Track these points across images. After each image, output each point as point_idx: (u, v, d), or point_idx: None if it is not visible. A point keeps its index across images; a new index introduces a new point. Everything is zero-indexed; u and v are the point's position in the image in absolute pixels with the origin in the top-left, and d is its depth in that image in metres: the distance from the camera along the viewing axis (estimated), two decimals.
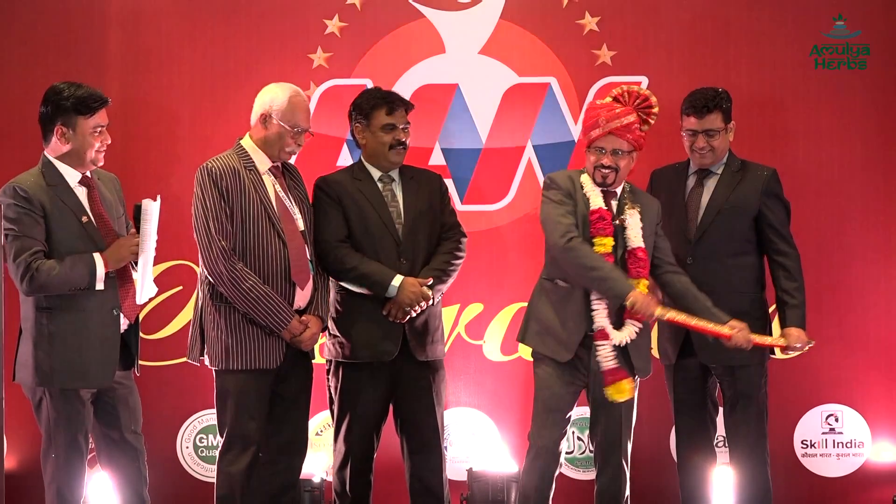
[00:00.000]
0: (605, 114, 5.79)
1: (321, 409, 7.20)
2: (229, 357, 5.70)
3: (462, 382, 7.31)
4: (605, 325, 5.67)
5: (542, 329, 5.84)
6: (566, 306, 5.76)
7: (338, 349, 6.01)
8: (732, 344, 5.76)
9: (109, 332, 5.60)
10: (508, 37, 7.48)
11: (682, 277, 5.93)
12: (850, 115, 7.42)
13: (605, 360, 5.68)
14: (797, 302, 6.15)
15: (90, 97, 5.64)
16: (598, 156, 5.79)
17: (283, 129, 5.80)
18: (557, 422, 5.81)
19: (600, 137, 5.78)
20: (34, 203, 5.47)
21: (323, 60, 7.46)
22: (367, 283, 5.91)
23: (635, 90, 5.87)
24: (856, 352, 7.33)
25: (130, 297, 5.69)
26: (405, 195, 6.11)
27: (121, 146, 7.33)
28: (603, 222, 5.71)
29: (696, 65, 7.35)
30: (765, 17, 7.44)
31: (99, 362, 5.56)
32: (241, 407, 5.73)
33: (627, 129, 5.77)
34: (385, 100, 6.14)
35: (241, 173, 5.74)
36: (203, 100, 7.20)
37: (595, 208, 5.74)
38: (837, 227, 7.38)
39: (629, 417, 5.86)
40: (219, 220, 5.66)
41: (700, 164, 6.25)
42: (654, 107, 5.86)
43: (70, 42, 7.48)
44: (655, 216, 5.93)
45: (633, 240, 5.76)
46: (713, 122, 6.20)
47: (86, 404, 5.59)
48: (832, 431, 7.34)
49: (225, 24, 7.48)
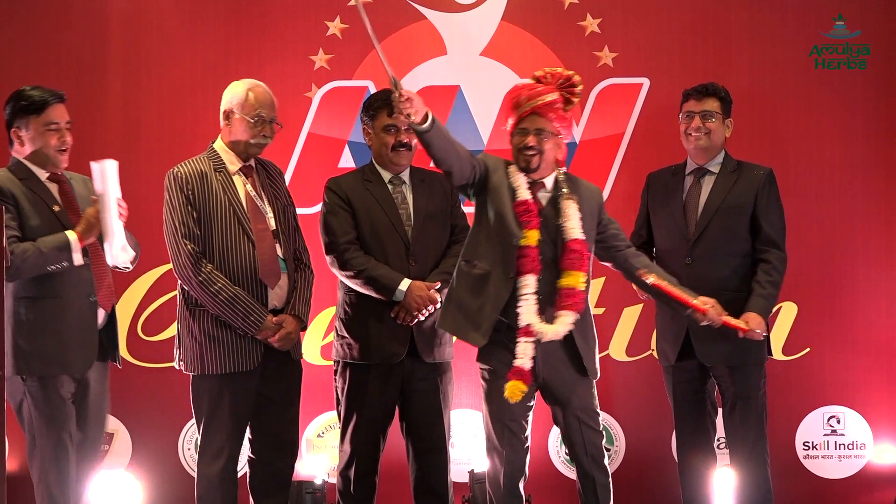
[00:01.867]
0: (527, 92, 5.58)
1: (322, 410, 7.22)
2: (203, 362, 5.70)
3: (464, 384, 7.28)
4: (532, 321, 5.44)
5: (459, 313, 5.61)
6: (483, 291, 5.54)
7: (345, 350, 6.01)
8: (706, 319, 5.71)
9: (87, 319, 5.58)
10: (510, 38, 7.50)
11: (640, 257, 5.79)
12: (850, 115, 7.44)
13: (521, 358, 5.41)
14: (765, 293, 6.08)
15: (39, 95, 5.63)
16: (520, 137, 5.57)
17: (245, 120, 5.77)
18: (516, 433, 5.57)
19: (523, 117, 5.55)
20: (5, 193, 5.47)
21: (324, 62, 7.47)
22: (374, 286, 5.89)
23: (558, 71, 5.66)
24: (857, 353, 7.35)
25: (106, 287, 5.67)
26: (415, 197, 6.11)
27: (123, 146, 7.39)
28: (528, 214, 5.49)
29: (698, 66, 7.35)
30: (764, 17, 7.48)
31: (78, 349, 5.54)
32: (216, 411, 5.71)
33: (550, 108, 5.54)
34: (388, 101, 6.14)
35: (210, 176, 5.74)
36: (205, 101, 7.20)
37: (521, 199, 5.52)
38: (839, 229, 7.40)
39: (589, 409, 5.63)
40: (186, 224, 5.66)
41: (695, 149, 6.23)
42: (578, 85, 5.64)
43: (72, 43, 7.49)
44: (597, 203, 5.73)
45: (569, 231, 5.52)
46: (710, 105, 6.22)
47: (66, 403, 5.56)
48: (834, 433, 7.35)
49: (226, 26, 7.50)
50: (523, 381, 5.40)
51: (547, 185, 5.62)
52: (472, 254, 5.62)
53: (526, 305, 5.44)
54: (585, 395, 5.61)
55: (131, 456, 7.39)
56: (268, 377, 5.76)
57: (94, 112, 7.34)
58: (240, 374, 5.68)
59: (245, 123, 5.77)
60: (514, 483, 5.55)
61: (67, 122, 5.70)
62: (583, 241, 5.53)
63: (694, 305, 5.71)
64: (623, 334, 7.36)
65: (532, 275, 5.45)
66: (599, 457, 5.60)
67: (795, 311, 7.30)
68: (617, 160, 7.45)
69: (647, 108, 7.45)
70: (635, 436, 7.37)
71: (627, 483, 7.15)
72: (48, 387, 5.50)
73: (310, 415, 7.25)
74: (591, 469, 5.57)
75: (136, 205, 7.16)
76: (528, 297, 5.45)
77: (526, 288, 5.45)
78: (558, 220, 5.55)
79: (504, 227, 5.50)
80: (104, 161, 5.53)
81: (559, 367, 5.54)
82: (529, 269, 5.45)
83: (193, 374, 5.77)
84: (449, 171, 5.45)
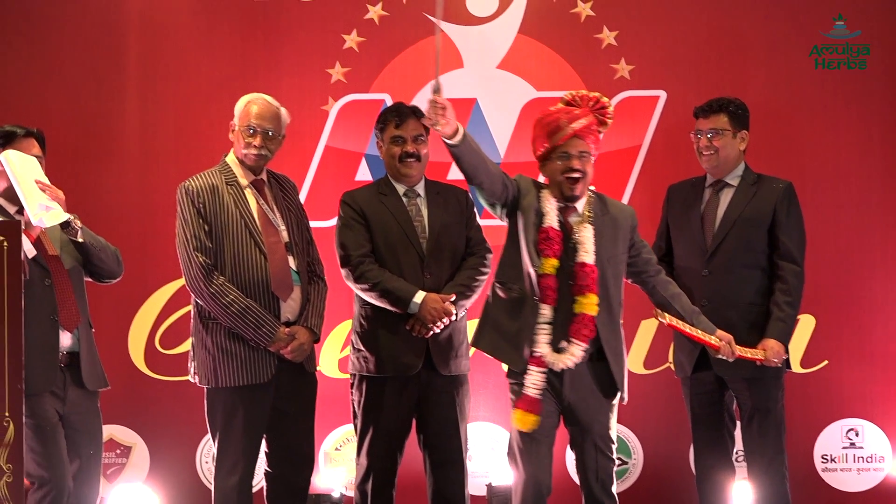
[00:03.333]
0: (566, 116, 5.57)
1: (340, 423, 7.22)
2: (217, 375, 5.71)
3: (482, 397, 7.29)
4: (545, 353, 5.45)
5: (497, 334, 5.62)
6: (519, 314, 5.56)
7: (362, 363, 6.00)
8: (720, 354, 5.77)
9: (48, 337, 5.49)
10: (527, 51, 7.51)
11: (668, 286, 5.81)
12: (868, 125, 7.45)
13: (530, 388, 5.45)
14: (784, 315, 6.09)
15: (8, 129, 5.61)
16: (564, 162, 5.54)
17: (240, 130, 5.82)
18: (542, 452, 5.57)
19: (564, 141, 5.54)
20: None
21: (341, 75, 7.49)
22: (389, 298, 5.89)
23: (585, 93, 5.69)
24: (876, 366, 7.33)
25: (69, 307, 5.58)
26: (430, 210, 6.10)
27: (140, 160, 7.42)
28: (548, 242, 5.50)
29: (714, 78, 7.35)
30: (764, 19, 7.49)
31: (38, 367, 5.36)
32: (230, 425, 5.72)
33: (589, 130, 5.57)
34: (395, 113, 6.15)
35: (221, 189, 5.76)
36: (221, 114, 7.20)
37: (544, 227, 5.52)
38: (857, 241, 7.40)
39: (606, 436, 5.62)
40: (197, 236, 5.68)
41: (708, 167, 6.25)
42: (609, 107, 5.68)
43: (89, 56, 7.53)
44: (630, 224, 5.73)
45: (580, 255, 5.51)
46: (717, 122, 6.22)
47: (57, 421, 5.47)
48: (853, 446, 7.32)
49: (243, 40, 7.53)
50: (532, 412, 5.44)
51: (578, 208, 5.63)
52: (506, 276, 5.63)
53: (540, 335, 5.47)
54: (606, 423, 5.62)
55: (149, 469, 7.40)
56: (282, 390, 5.76)
57: (110, 124, 7.40)
58: (254, 388, 5.68)
59: (240, 135, 5.81)
60: (540, 499, 5.56)
61: (37, 157, 5.61)
62: (592, 266, 5.51)
63: (708, 343, 5.77)
64: (640, 347, 7.34)
65: (549, 304, 5.48)
66: (609, 483, 5.61)
67: (814, 323, 7.28)
68: (634, 172, 7.45)
69: (664, 120, 7.45)
70: (653, 448, 7.35)
71: (645, 496, 7.15)
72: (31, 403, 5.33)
73: (327, 428, 7.26)
74: (601, 496, 5.58)
75: (151, 218, 7.25)
76: (543, 326, 5.48)
77: (542, 318, 5.48)
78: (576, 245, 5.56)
79: (528, 253, 5.53)
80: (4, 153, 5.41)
81: (586, 392, 5.55)
82: (547, 299, 5.49)
83: (208, 388, 5.78)
84: (479, 186, 5.47)
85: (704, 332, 5.75)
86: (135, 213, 7.35)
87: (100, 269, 5.72)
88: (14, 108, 7.29)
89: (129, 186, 7.45)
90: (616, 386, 5.60)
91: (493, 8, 7.51)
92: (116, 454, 7.39)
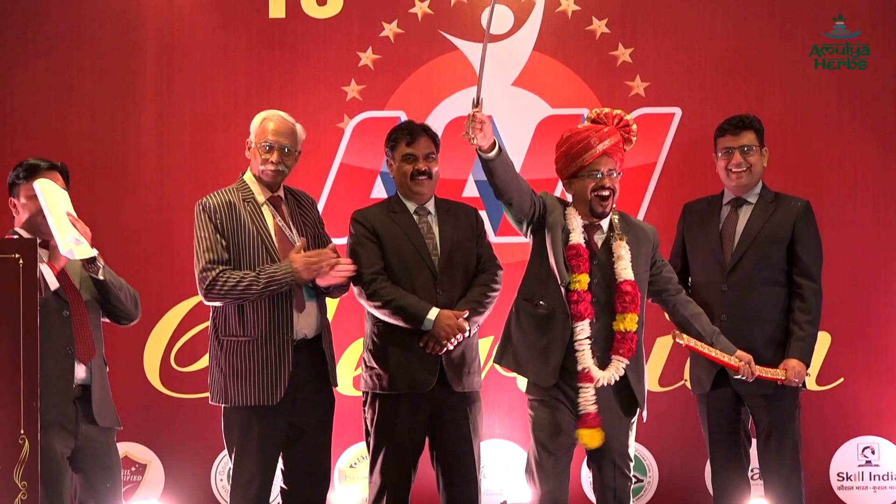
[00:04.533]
0: (595, 135, 5.64)
1: (354, 440, 7.23)
2: (228, 394, 5.74)
3: (496, 414, 7.30)
4: (590, 366, 5.54)
5: (522, 351, 5.71)
6: (549, 330, 5.62)
7: (374, 381, 5.99)
8: (739, 374, 5.85)
9: (63, 369, 5.47)
10: (542, 68, 7.53)
11: (689, 305, 5.90)
12: (884, 142, 7.44)
13: (587, 404, 5.53)
14: (804, 334, 6.12)
15: (32, 163, 5.59)
16: (595, 180, 5.62)
17: (256, 146, 5.86)
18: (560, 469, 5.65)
19: (594, 160, 5.62)
20: None
21: (356, 93, 7.51)
22: (403, 315, 5.89)
23: (609, 111, 5.77)
24: (892, 383, 7.32)
25: (85, 340, 5.56)
26: (441, 227, 6.10)
27: (157, 177, 7.44)
28: (578, 258, 5.57)
29: (730, 96, 7.37)
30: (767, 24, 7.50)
31: (51, 399, 5.37)
32: (246, 442, 5.74)
33: (618, 148, 5.67)
34: (406, 131, 6.17)
35: (238, 206, 5.79)
36: (237, 132, 7.23)
37: (572, 243, 5.60)
38: (872, 258, 7.40)
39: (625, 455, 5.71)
40: (214, 250, 5.72)
41: (737, 185, 6.25)
42: (633, 125, 5.76)
43: (106, 75, 7.56)
44: (652, 244, 5.83)
45: (620, 273, 5.61)
46: (748, 139, 6.24)
47: (63, 458, 5.44)
48: (868, 464, 7.31)
49: (259, 58, 7.56)
50: (597, 426, 5.51)
51: (603, 226, 5.71)
52: (532, 292, 5.71)
53: (583, 351, 5.53)
54: (624, 441, 5.69)
55: (164, 486, 7.42)
56: (299, 407, 5.77)
57: (127, 142, 7.43)
58: (269, 406, 5.70)
59: (256, 151, 5.85)
60: None
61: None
62: (634, 283, 5.60)
63: (727, 364, 5.83)
64: (656, 364, 7.33)
65: (586, 319, 5.54)
66: (626, 501, 5.69)
67: (829, 340, 7.27)
68: (649, 189, 7.45)
69: (680, 137, 7.45)
70: (668, 466, 7.34)
71: None
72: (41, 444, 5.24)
73: (342, 445, 7.27)
74: None
75: (168, 235, 7.27)
76: (583, 342, 5.54)
77: (581, 333, 5.56)
78: (611, 261, 5.61)
79: (557, 269, 5.58)
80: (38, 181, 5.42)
81: (606, 410, 5.60)
82: (582, 314, 5.54)
83: (224, 406, 5.80)
84: (509, 202, 5.54)
85: (724, 353, 5.80)
86: (152, 231, 7.39)
87: (117, 309, 5.70)
88: (32, 128, 7.34)
89: (147, 204, 7.47)
90: (636, 403, 5.63)
91: (509, 25, 7.53)
92: (132, 472, 7.39)
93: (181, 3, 7.57)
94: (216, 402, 5.82)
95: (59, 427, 5.43)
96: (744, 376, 5.86)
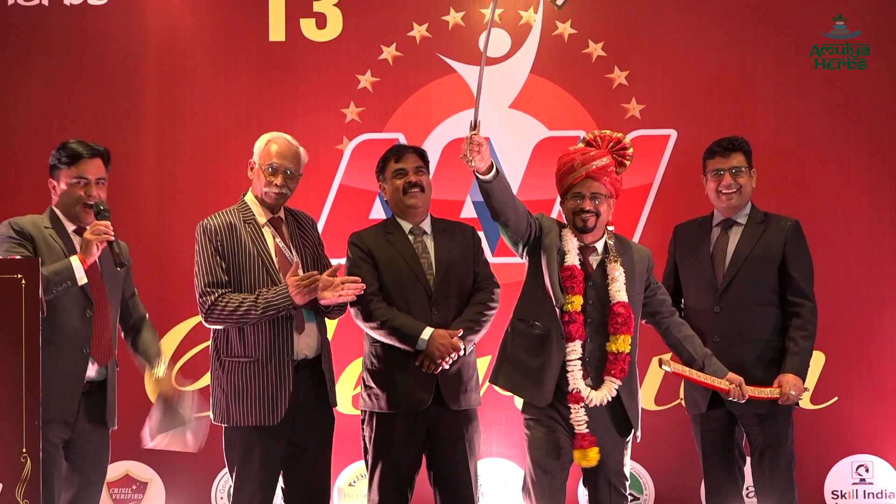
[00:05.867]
0: (580, 157, 5.70)
1: (353, 459, 7.26)
2: (230, 414, 5.78)
3: (494, 433, 7.33)
4: (580, 387, 5.58)
5: (517, 371, 5.75)
6: (543, 350, 5.66)
7: (373, 400, 6.03)
8: (730, 397, 5.87)
9: (75, 369, 5.54)
10: (539, 91, 7.57)
11: (682, 327, 5.93)
12: (878, 162, 7.48)
13: (578, 425, 5.57)
14: (799, 349, 6.14)
15: (74, 148, 5.70)
16: (576, 202, 5.70)
17: (260, 168, 5.91)
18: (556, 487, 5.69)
19: (577, 182, 5.68)
20: (25, 234, 5.51)
21: (356, 115, 7.56)
22: (398, 336, 5.93)
23: (608, 134, 5.80)
24: (886, 402, 7.34)
25: (104, 342, 5.66)
26: (437, 247, 6.14)
27: (158, 198, 7.48)
28: (572, 280, 5.62)
29: (724, 118, 7.40)
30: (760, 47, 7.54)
31: (61, 395, 5.47)
32: (247, 462, 5.78)
33: (604, 172, 5.69)
34: (393, 150, 6.27)
35: (239, 227, 5.84)
36: (238, 153, 7.29)
37: (567, 265, 5.66)
38: (866, 277, 7.42)
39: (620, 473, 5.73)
40: (214, 272, 5.77)
41: (727, 206, 6.29)
42: (629, 148, 5.79)
43: (108, 97, 7.61)
44: (646, 266, 5.87)
45: (614, 295, 5.66)
46: (737, 160, 6.29)
47: (57, 447, 5.50)
48: (862, 482, 7.33)
49: (259, 80, 7.61)
50: (591, 445, 5.54)
51: (598, 248, 5.75)
52: (527, 313, 5.76)
53: (573, 371, 5.57)
54: (620, 459, 5.71)
55: None
56: (300, 427, 5.81)
57: (129, 163, 7.41)
58: (270, 426, 5.73)
59: (260, 173, 5.90)
60: None
61: (99, 177, 5.74)
62: (627, 305, 5.64)
63: (717, 388, 5.87)
64: (652, 384, 7.35)
65: (578, 340, 5.58)
66: None
67: (823, 360, 7.28)
68: (645, 211, 7.49)
69: (675, 159, 7.49)
70: (664, 484, 7.35)
71: None
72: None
73: (341, 464, 7.30)
74: None
75: (170, 255, 7.30)
76: (574, 362, 5.59)
77: (572, 354, 5.60)
78: (606, 283, 5.66)
79: (552, 290, 5.63)
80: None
81: (600, 429, 5.64)
82: (575, 335, 5.59)
83: (225, 425, 5.85)
84: (505, 223, 5.60)
85: (714, 376, 5.83)
86: (153, 251, 7.39)
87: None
88: (34, 149, 7.37)
89: (148, 224, 7.50)
90: (630, 424, 5.67)
91: (506, 48, 7.58)
92: (133, 490, 7.43)
93: (182, 26, 7.63)
94: (218, 422, 5.86)
95: (61, 422, 5.50)
96: (735, 398, 5.89)
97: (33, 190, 6.74)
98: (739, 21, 7.53)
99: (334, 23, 7.60)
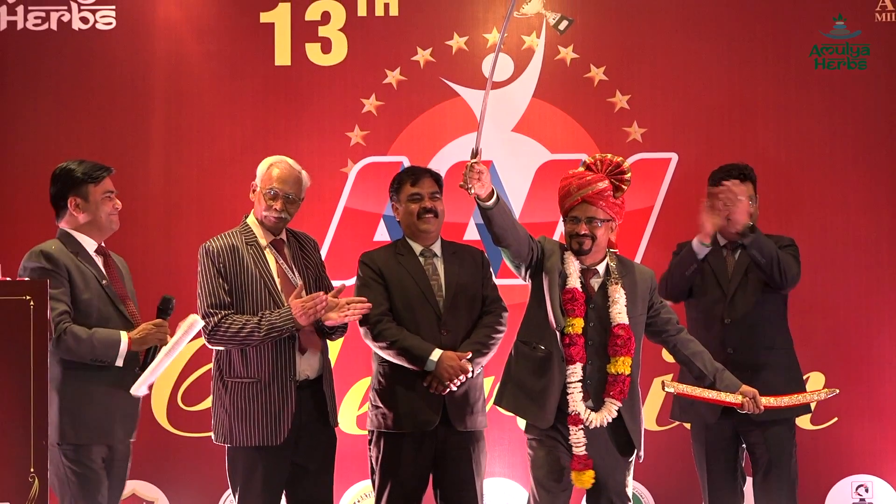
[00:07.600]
0: (577, 181, 5.70)
1: (358, 479, 7.28)
2: (232, 434, 5.80)
3: (498, 453, 7.34)
4: (580, 410, 5.59)
5: (520, 393, 5.76)
6: (546, 373, 5.68)
7: (380, 420, 6.04)
8: (743, 411, 5.81)
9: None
10: (541, 115, 7.63)
11: (690, 344, 5.89)
12: (876, 185, 7.52)
13: (577, 447, 5.58)
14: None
15: (95, 166, 5.77)
16: (573, 225, 5.70)
17: (261, 191, 5.94)
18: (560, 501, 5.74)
19: (574, 206, 5.69)
20: (60, 266, 5.53)
21: (360, 138, 7.61)
22: (406, 356, 5.94)
23: (608, 158, 5.78)
24: (885, 422, 7.37)
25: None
26: (447, 269, 6.16)
27: (164, 222, 7.52)
28: (573, 303, 5.64)
29: (725, 141, 7.46)
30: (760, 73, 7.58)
31: (121, 419, 5.58)
32: (250, 482, 5.80)
33: (600, 196, 5.67)
34: (409, 173, 6.27)
35: (241, 250, 5.87)
36: (243, 177, 7.33)
37: (568, 287, 5.67)
38: (865, 299, 7.45)
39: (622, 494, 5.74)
40: (217, 294, 5.81)
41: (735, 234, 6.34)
42: (627, 173, 5.75)
43: (115, 120, 7.67)
44: (649, 286, 5.86)
45: (614, 317, 5.66)
46: (749, 189, 6.37)
47: (100, 469, 5.55)
48: (862, 502, 7.35)
49: (264, 104, 7.66)
50: (587, 468, 5.55)
51: (599, 271, 5.76)
52: (530, 335, 5.78)
53: (573, 394, 5.59)
54: (622, 480, 5.72)
55: None
56: (302, 447, 5.83)
57: (135, 185, 7.43)
58: (273, 446, 5.76)
59: (261, 196, 5.93)
60: None
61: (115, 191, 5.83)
62: (627, 327, 5.65)
63: (728, 403, 5.81)
64: (653, 404, 7.38)
65: (578, 363, 5.61)
66: None
67: (823, 380, 7.31)
68: (646, 234, 7.54)
69: (676, 181, 7.54)
70: None
71: None
72: (81, 452, 5.49)
73: (346, 484, 7.32)
74: None
75: (175, 277, 7.31)
76: (575, 384, 5.60)
77: (573, 376, 5.61)
78: (607, 305, 5.68)
79: (553, 313, 5.65)
80: (197, 320, 5.60)
81: (602, 450, 5.65)
82: (576, 357, 5.61)
83: (229, 446, 5.87)
84: (507, 248, 5.63)
85: (727, 391, 5.78)
86: (158, 273, 7.39)
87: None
88: (43, 171, 7.40)
89: (153, 246, 7.55)
90: (633, 444, 5.72)
91: (509, 73, 7.64)
92: None
93: (189, 51, 7.69)
94: (220, 442, 5.89)
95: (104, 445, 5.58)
96: (749, 411, 5.80)
97: (41, 212, 6.77)
98: (739, 42, 7.59)
99: (339, 47, 7.66)
